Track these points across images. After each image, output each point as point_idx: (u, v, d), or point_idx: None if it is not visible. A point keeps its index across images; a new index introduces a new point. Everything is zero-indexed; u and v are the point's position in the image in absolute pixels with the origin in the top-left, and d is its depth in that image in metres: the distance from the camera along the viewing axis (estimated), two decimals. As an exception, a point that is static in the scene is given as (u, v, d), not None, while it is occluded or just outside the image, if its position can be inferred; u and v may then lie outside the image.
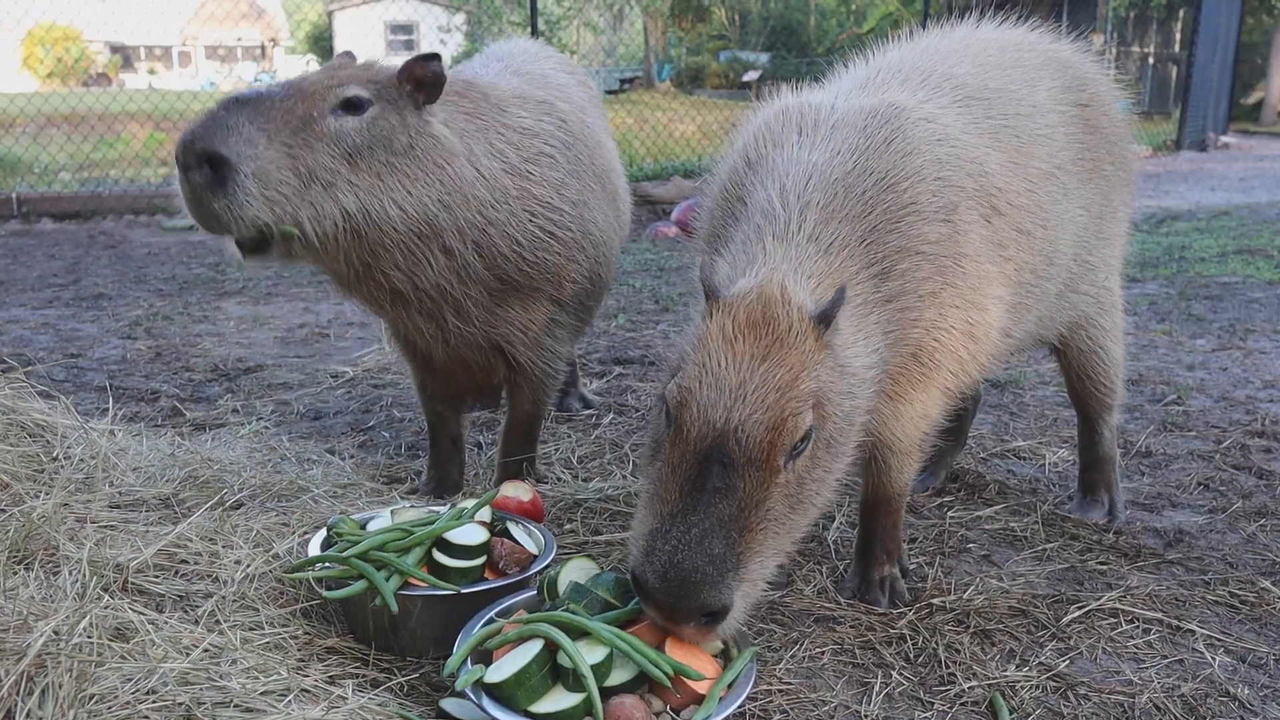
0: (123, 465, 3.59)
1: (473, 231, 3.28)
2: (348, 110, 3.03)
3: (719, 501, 2.28)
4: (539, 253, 3.47)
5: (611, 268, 4.00)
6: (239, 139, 2.82)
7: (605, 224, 3.82)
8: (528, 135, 3.51)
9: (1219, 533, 3.74)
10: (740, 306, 2.40)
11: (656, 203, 12.29)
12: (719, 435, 2.29)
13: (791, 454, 2.35)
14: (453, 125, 3.28)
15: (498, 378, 3.80)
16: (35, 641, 2.31)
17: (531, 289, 3.53)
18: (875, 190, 2.72)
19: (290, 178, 2.90)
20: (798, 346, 2.37)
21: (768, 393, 2.31)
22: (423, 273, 3.26)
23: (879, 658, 2.88)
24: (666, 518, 2.31)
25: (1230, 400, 5.26)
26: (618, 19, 33.59)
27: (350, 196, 3.01)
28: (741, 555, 2.29)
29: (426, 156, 3.15)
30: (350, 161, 3.00)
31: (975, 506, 3.96)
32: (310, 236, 2.99)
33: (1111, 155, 3.54)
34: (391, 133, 3.09)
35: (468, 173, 3.25)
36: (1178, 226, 11.28)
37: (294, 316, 7.20)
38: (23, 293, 7.97)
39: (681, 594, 2.25)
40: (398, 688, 2.61)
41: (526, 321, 3.59)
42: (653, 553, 2.28)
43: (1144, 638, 3.00)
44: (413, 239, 3.17)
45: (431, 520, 2.95)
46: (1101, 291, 3.65)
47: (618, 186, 4.12)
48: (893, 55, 3.32)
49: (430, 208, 3.15)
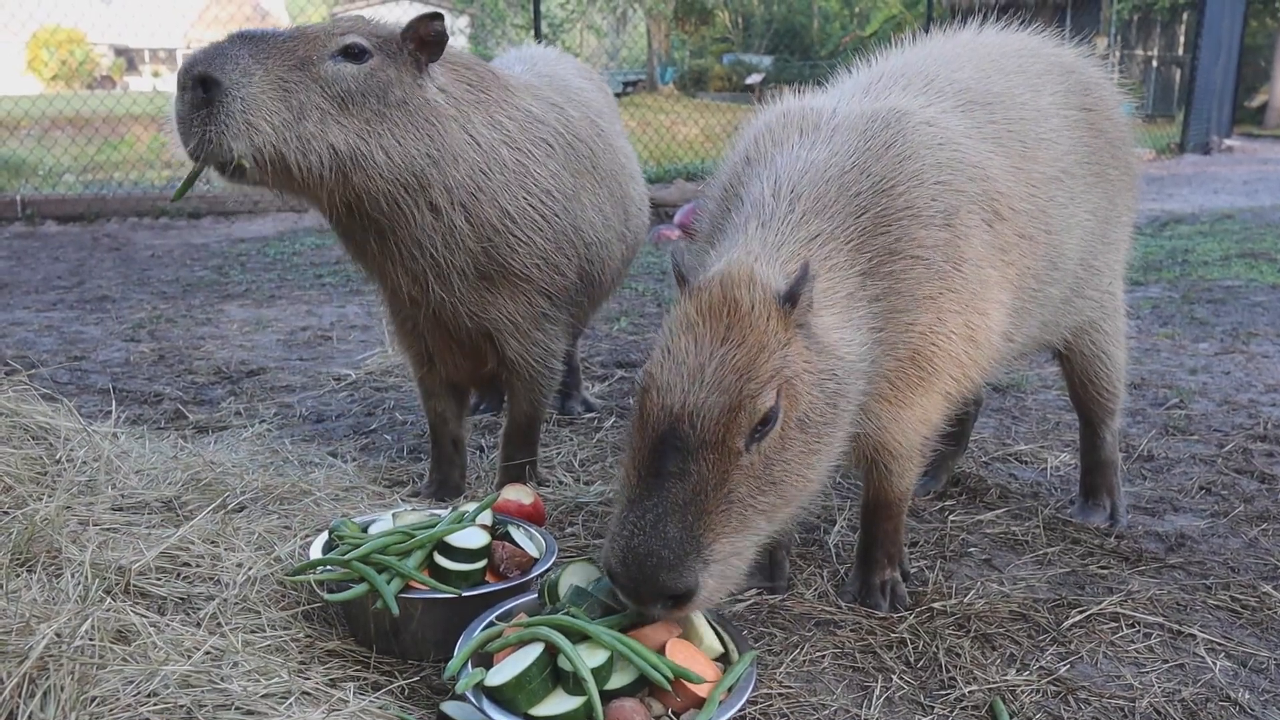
0: (125, 468, 3.60)
1: (461, 193, 3.35)
2: (347, 57, 3.14)
3: (673, 485, 2.27)
4: (529, 232, 3.50)
5: (608, 270, 4.00)
6: (235, 67, 2.96)
7: (603, 225, 3.84)
8: (532, 119, 3.58)
9: (1221, 537, 3.74)
10: (705, 290, 2.40)
11: (659, 205, 12.26)
12: (674, 419, 2.29)
13: (753, 436, 2.32)
14: (451, 91, 3.37)
15: (491, 365, 3.82)
16: (38, 644, 2.32)
17: (522, 276, 3.55)
18: (871, 193, 2.72)
19: (281, 109, 3.01)
20: (759, 326, 2.34)
21: (725, 374, 2.29)
22: (406, 225, 3.32)
23: (879, 662, 2.88)
24: (627, 504, 2.33)
25: (1233, 404, 5.26)
26: (621, 22, 33.59)
27: (340, 136, 3.11)
28: (702, 538, 2.27)
29: (419, 113, 3.25)
30: (342, 104, 3.11)
31: (977, 510, 3.96)
32: (294, 169, 3.07)
33: (1115, 159, 3.54)
34: (388, 84, 3.18)
35: (460, 136, 3.34)
36: (1181, 230, 11.28)
37: (297, 319, 7.21)
38: (27, 295, 7.98)
39: (641, 578, 2.27)
40: (399, 691, 2.61)
41: (514, 311, 3.61)
42: (615, 538, 2.31)
43: (1145, 642, 3.00)
44: (398, 188, 3.24)
45: (433, 523, 2.96)
46: (1105, 296, 3.65)
47: (628, 192, 4.13)
48: (895, 60, 3.32)
49: (418, 160, 3.24)
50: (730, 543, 2.33)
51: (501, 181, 3.42)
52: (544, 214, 3.53)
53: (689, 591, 2.29)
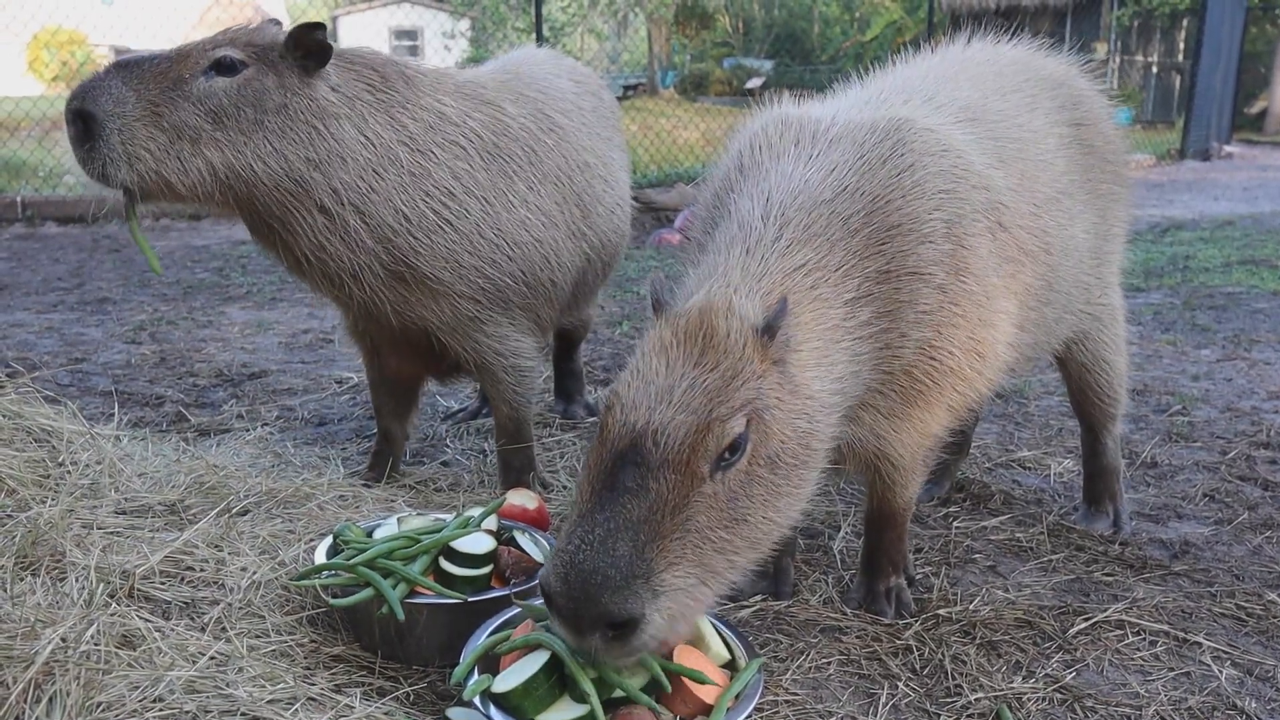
0: (128, 471, 3.59)
1: (350, 193, 3.37)
2: (219, 71, 3.21)
3: (628, 502, 2.12)
4: (433, 236, 3.51)
5: (561, 271, 3.92)
6: (109, 98, 3.09)
7: (542, 225, 3.78)
8: (443, 120, 3.58)
9: (1225, 544, 3.74)
10: (683, 318, 2.34)
11: (660, 209, 12.30)
12: (636, 436, 2.17)
13: (719, 463, 2.20)
14: (345, 92, 3.39)
15: (441, 365, 3.93)
16: (43, 649, 2.32)
17: (432, 277, 3.55)
18: (865, 213, 2.66)
19: (156, 134, 3.12)
20: (734, 353, 2.27)
21: (694, 396, 2.20)
22: (301, 227, 3.37)
23: (885, 669, 2.87)
24: (574, 520, 2.17)
25: (1235, 411, 5.26)
26: (622, 26, 33.63)
27: (214, 151, 3.19)
28: (654, 562, 2.10)
29: (299, 116, 3.28)
30: (215, 119, 3.18)
31: (981, 517, 3.95)
32: (178, 188, 3.19)
33: (1107, 173, 3.53)
34: (263, 93, 3.24)
35: (352, 136, 3.37)
36: (1182, 236, 11.29)
37: (298, 322, 7.20)
38: (27, 296, 7.98)
39: (582, 598, 2.07)
40: (404, 696, 2.61)
41: (439, 311, 3.63)
42: (556, 555, 2.14)
43: (1150, 650, 3.00)
44: (281, 193, 3.29)
45: (438, 528, 2.95)
46: (1099, 308, 3.65)
47: (594, 191, 4.08)
48: (893, 77, 3.30)
49: (296, 165, 3.28)
50: (683, 575, 2.15)
51: (396, 182, 3.44)
52: (446, 216, 3.52)
53: (632, 620, 2.09)
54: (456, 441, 4.78)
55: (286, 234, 3.39)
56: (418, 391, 4.23)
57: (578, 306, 4.47)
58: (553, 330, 4.38)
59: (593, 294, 4.56)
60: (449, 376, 4.20)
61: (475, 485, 4.13)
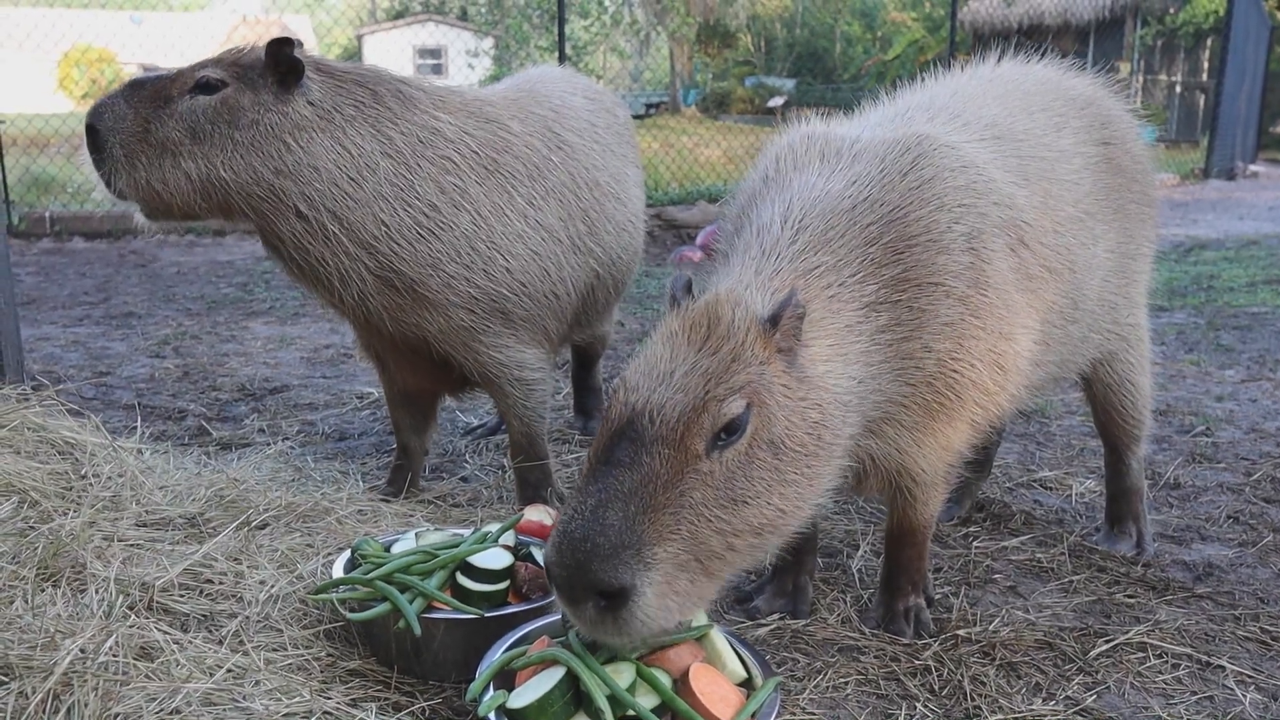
0: (150, 484, 3.61)
1: (325, 200, 3.48)
2: (202, 90, 3.42)
3: (621, 474, 2.20)
4: (416, 245, 3.58)
5: (566, 284, 3.95)
6: (111, 114, 3.39)
7: (542, 240, 3.83)
8: (436, 136, 3.66)
9: (1249, 567, 3.69)
10: (690, 309, 2.42)
11: (681, 227, 12.33)
12: (634, 414, 2.26)
13: (715, 442, 2.26)
14: (324, 105, 3.52)
15: (450, 379, 3.98)
16: (62, 660, 2.33)
17: (419, 283, 3.61)
18: (883, 223, 2.70)
19: (147, 148, 3.39)
20: (735, 339, 2.34)
21: (693, 377, 2.28)
22: (281, 232, 3.51)
23: (903, 689, 2.85)
24: (572, 495, 2.26)
25: (1260, 432, 5.20)
26: (644, 44, 33.75)
27: (191, 164, 3.41)
28: (644, 534, 2.16)
29: (269, 131, 3.44)
30: (194, 135, 3.40)
31: (1001, 537, 3.92)
32: (165, 197, 3.44)
33: (1134, 193, 3.52)
34: (238, 110, 3.43)
35: (324, 146, 3.48)
36: (1206, 255, 11.20)
37: (320, 337, 7.25)
38: (54, 310, 8.07)
39: (573, 565, 2.15)
40: (420, 712, 2.61)
41: (433, 320, 3.68)
42: (554, 528, 2.24)
43: (1173, 673, 2.96)
44: (256, 200, 3.46)
45: (456, 544, 2.96)
46: (1126, 328, 3.63)
47: (603, 207, 4.12)
48: (920, 95, 3.33)
49: (264, 175, 3.44)
50: (675, 550, 2.19)
51: (375, 191, 3.52)
52: (429, 226, 3.58)
53: (622, 590, 2.14)
54: (475, 457, 4.80)
55: (274, 238, 3.54)
56: (435, 407, 4.28)
57: (590, 322, 4.48)
58: (564, 344, 4.40)
59: (606, 310, 4.58)
60: (460, 391, 4.23)
61: (493, 501, 4.14)
